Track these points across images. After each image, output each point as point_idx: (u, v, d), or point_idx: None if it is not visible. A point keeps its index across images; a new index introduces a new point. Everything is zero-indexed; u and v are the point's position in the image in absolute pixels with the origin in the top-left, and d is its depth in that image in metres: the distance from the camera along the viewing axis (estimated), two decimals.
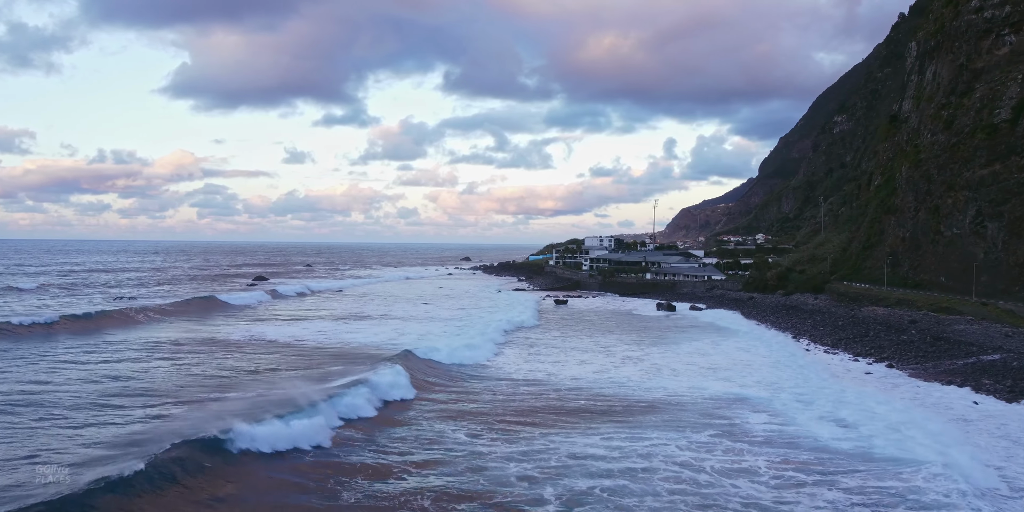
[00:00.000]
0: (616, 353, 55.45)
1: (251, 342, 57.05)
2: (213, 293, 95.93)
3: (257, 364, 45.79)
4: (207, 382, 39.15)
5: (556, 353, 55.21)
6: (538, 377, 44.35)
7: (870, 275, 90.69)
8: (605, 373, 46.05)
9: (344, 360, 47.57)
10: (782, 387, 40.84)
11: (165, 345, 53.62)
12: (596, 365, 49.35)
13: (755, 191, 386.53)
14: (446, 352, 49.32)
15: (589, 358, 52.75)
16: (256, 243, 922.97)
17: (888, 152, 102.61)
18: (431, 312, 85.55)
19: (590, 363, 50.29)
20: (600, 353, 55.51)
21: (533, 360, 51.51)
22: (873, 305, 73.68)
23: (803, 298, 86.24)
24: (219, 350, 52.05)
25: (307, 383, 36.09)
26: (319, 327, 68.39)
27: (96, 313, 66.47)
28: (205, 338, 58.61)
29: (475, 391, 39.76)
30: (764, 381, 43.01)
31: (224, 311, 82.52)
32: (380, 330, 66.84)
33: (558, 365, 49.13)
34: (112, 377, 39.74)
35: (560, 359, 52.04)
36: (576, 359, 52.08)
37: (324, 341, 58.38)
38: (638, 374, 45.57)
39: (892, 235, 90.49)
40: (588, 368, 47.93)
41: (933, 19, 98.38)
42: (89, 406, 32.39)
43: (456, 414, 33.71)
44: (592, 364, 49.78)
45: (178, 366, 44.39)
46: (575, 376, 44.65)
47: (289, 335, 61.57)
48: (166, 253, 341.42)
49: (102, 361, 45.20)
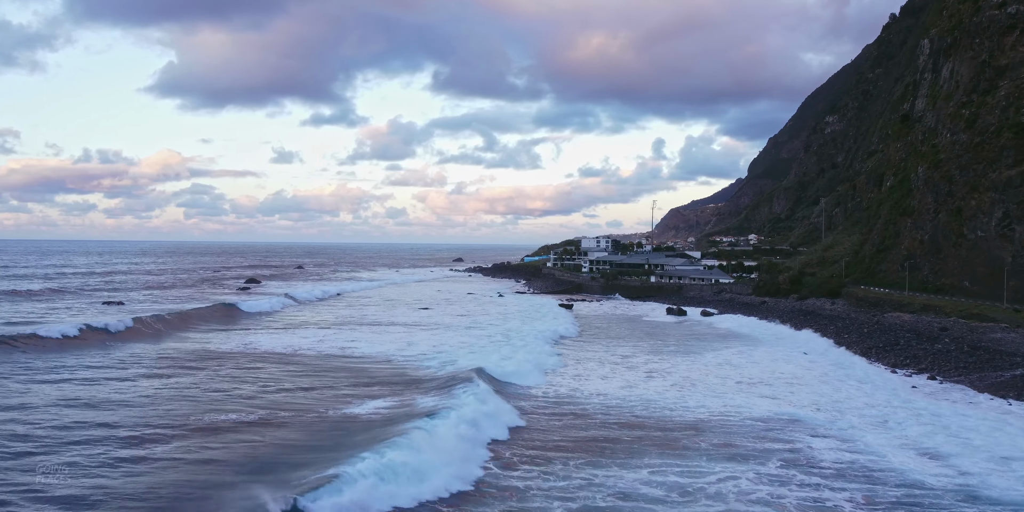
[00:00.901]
0: (637, 365, 52.25)
1: (294, 356, 52.43)
2: (233, 300, 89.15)
3: (321, 382, 42.18)
4: (281, 412, 33.82)
5: (605, 367, 52.01)
6: (567, 394, 41.15)
7: (886, 279, 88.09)
8: (632, 389, 42.92)
9: (409, 380, 43.30)
10: (839, 405, 37.76)
11: (200, 361, 48.69)
12: (620, 379, 46.16)
13: (744, 191, 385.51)
14: (513, 370, 45.65)
15: (609, 371, 49.58)
16: (244, 243, 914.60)
17: (901, 152, 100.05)
18: (464, 321, 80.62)
19: (612, 377, 47.09)
20: (619, 365, 52.35)
21: (590, 376, 48.31)
22: (896, 311, 70.95)
23: (819, 303, 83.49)
24: (267, 364, 47.68)
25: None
26: (352, 337, 63.84)
27: (118, 326, 60.73)
28: (240, 351, 54.01)
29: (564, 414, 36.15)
30: (814, 397, 39.93)
31: (245, 319, 77.49)
32: (418, 340, 62.29)
33: (580, 380, 45.97)
34: (169, 396, 36.27)
35: (586, 373, 48.86)
36: (598, 373, 48.90)
37: (370, 353, 54.06)
38: (670, 390, 42.42)
39: (909, 237, 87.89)
40: (613, 383, 44.75)
41: (948, 16, 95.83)
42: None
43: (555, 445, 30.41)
44: (614, 378, 46.59)
45: (228, 392, 38.72)
46: (600, 391, 41.49)
47: (334, 346, 57.33)
48: (155, 254, 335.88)
49: (140, 375, 41.69)
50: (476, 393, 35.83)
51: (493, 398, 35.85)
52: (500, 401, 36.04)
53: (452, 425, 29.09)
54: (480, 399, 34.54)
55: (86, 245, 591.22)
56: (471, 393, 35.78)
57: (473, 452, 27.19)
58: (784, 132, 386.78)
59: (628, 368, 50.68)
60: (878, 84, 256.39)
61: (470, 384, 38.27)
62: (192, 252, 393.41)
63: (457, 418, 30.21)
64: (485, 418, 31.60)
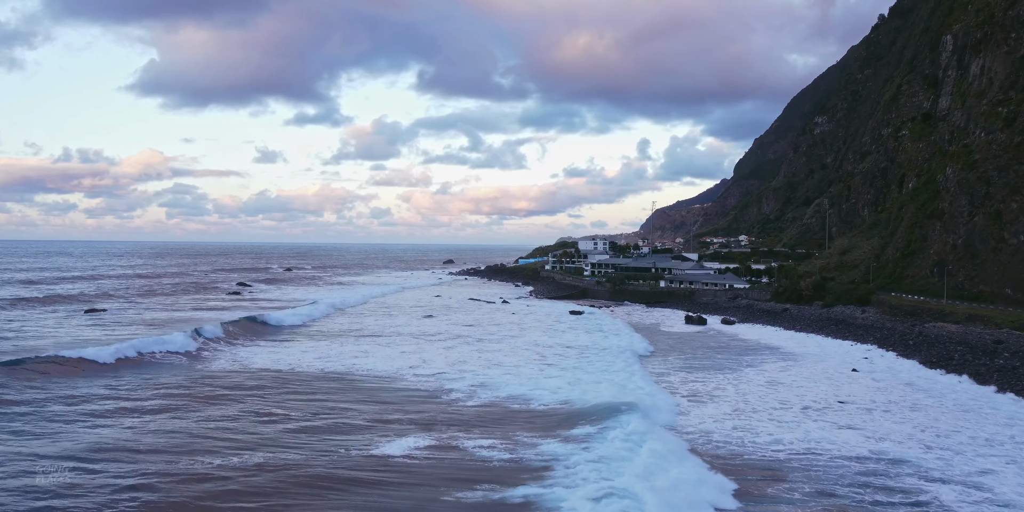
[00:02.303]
0: (675, 385, 47.47)
1: (388, 384, 45.22)
2: (260, 312, 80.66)
3: (415, 415, 36.69)
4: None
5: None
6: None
7: (914, 285, 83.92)
8: (685, 416, 38.15)
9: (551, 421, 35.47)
10: (946, 439, 32.95)
11: (272, 388, 42.90)
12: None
13: (731, 192, 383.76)
14: (651, 407, 37.18)
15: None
16: (227, 244, 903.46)
17: (924, 152, 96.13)
18: (480, 332, 75.10)
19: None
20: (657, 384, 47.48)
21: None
22: (937, 321, 66.67)
23: (848, 311, 79.17)
24: (366, 398, 40.81)
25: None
26: (425, 356, 56.66)
27: (153, 347, 53.53)
28: (307, 375, 47.91)
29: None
30: (907, 428, 35.09)
31: (281, 333, 70.18)
32: (487, 360, 55.05)
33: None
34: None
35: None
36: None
37: (477, 386, 44.40)
38: (728, 418, 37.61)
39: (938, 242, 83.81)
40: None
41: (975, 10, 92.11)
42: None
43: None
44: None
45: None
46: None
47: (422, 377, 47.55)
48: (140, 255, 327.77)
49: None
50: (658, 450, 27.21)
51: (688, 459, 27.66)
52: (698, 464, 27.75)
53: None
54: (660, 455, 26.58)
55: (67, 245, 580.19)
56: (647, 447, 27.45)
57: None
58: (770, 133, 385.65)
59: (665, 388, 45.88)
60: (867, 85, 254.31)
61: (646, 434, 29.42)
62: (176, 253, 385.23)
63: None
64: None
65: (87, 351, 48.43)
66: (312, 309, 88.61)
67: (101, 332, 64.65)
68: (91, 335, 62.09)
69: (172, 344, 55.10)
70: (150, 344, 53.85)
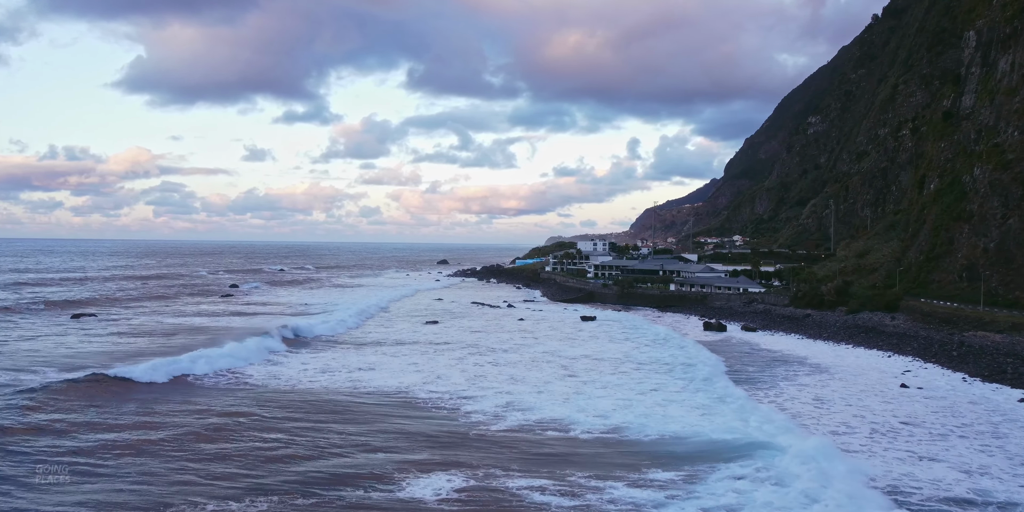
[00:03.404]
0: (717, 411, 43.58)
1: (399, 403, 40.91)
2: (291, 321, 73.91)
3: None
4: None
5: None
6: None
7: (942, 291, 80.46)
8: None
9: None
10: None
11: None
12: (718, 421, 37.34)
13: (722, 192, 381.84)
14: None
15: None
16: (216, 242, 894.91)
17: (946, 152, 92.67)
18: (494, 340, 71.09)
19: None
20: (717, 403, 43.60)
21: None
22: (977, 330, 63.16)
23: (875, 317, 75.60)
24: (376, 420, 36.55)
25: None
26: (436, 369, 52.37)
27: (204, 367, 48.42)
28: (307, 392, 44.23)
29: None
30: (1001, 461, 31.07)
31: (321, 347, 64.01)
32: (507, 375, 50.88)
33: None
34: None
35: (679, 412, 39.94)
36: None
37: (503, 407, 40.14)
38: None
39: (967, 245, 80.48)
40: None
41: (1000, 5, 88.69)
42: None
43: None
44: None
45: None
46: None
47: (437, 395, 43.04)
48: (128, 255, 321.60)
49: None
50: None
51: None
52: None
53: None
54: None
55: (53, 244, 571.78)
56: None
57: None
58: (761, 133, 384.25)
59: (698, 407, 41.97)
60: (861, 85, 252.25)
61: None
62: (166, 253, 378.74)
63: None
64: None
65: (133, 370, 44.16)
66: (338, 316, 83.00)
67: (110, 344, 60.37)
68: (95, 347, 57.79)
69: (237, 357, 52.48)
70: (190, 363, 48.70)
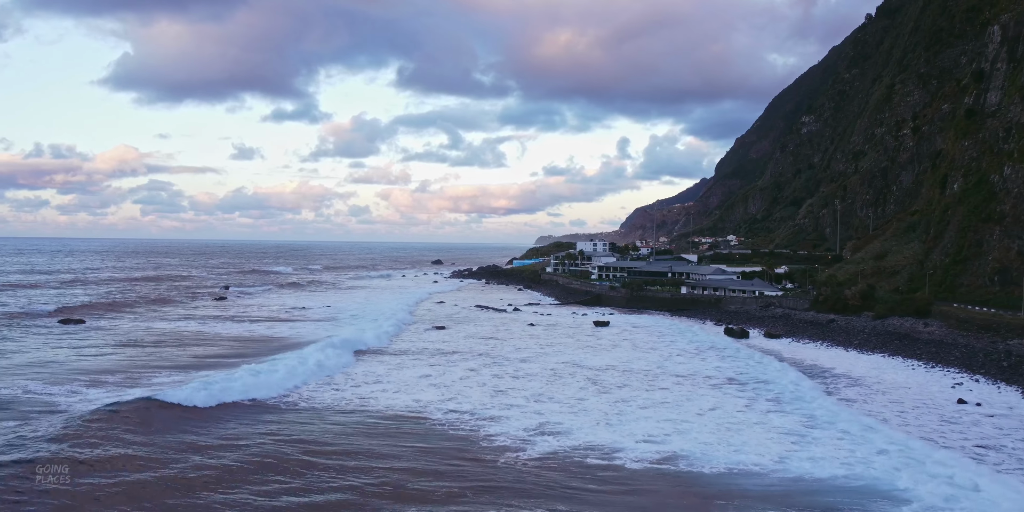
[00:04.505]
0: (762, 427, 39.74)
1: (412, 422, 37.65)
2: (337, 333, 69.93)
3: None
4: None
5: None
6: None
7: (972, 295, 77.09)
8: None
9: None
10: None
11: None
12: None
13: (713, 191, 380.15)
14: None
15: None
16: (205, 241, 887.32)
17: (971, 150, 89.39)
18: (542, 349, 67.67)
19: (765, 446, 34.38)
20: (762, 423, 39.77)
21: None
22: (1022, 338, 59.66)
23: (906, 323, 72.02)
24: (390, 446, 33.04)
25: None
26: (450, 384, 48.34)
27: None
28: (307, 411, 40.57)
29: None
30: None
31: (371, 360, 59.04)
32: (530, 390, 46.65)
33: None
34: None
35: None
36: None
37: (533, 431, 36.11)
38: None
39: (998, 248, 77.24)
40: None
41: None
42: None
43: None
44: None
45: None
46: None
47: (456, 416, 38.85)
48: (116, 254, 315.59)
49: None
50: None
51: None
52: None
53: None
54: None
55: (39, 243, 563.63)
56: None
57: None
58: (752, 132, 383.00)
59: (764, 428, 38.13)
60: (854, 84, 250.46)
61: None
62: (159, 252, 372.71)
63: None
64: None
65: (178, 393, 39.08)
66: (376, 326, 77.43)
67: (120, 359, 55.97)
68: (114, 361, 53.45)
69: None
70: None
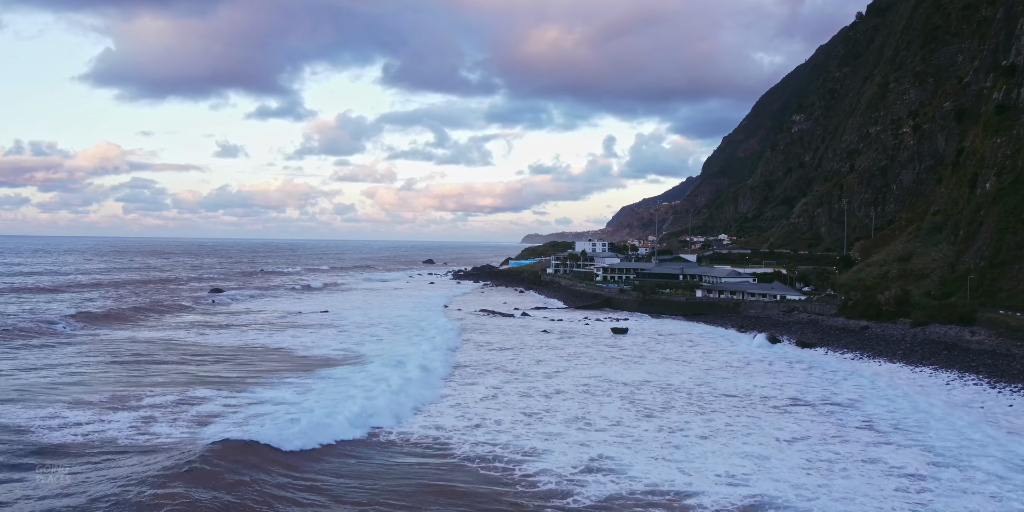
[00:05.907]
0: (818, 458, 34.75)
1: (434, 457, 32.81)
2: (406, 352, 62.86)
3: None
4: None
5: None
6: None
7: (1014, 300, 72.51)
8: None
9: None
10: None
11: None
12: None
13: (701, 190, 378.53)
14: None
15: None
16: (188, 240, 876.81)
17: (1004, 148, 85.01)
18: (566, 361, 62.39)
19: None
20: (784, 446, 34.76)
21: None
22: None
23: (950, 331, 67.39)
24: (409, 486, 29.05)
25: None
26: (471, 405, 43.21)
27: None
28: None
29: None
30: None
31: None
32: (563, 412, 41.82)
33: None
34: None
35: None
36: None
37: (580, 468, 31.19)
38: None
39: None
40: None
41: None
42: None
43: None
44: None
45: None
46: None
47: (484, 448, 33.84)
48: (99, 253, 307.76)
49: None
50: None
51: None
52: None
53: None
54: None
55: (19, 241, 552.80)
56: None
57: None
58: (739, 131, 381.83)
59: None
60: (845, 83, 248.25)
61: None
62: (141, 251, 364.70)
63: None
64: None
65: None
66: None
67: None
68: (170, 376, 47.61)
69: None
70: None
